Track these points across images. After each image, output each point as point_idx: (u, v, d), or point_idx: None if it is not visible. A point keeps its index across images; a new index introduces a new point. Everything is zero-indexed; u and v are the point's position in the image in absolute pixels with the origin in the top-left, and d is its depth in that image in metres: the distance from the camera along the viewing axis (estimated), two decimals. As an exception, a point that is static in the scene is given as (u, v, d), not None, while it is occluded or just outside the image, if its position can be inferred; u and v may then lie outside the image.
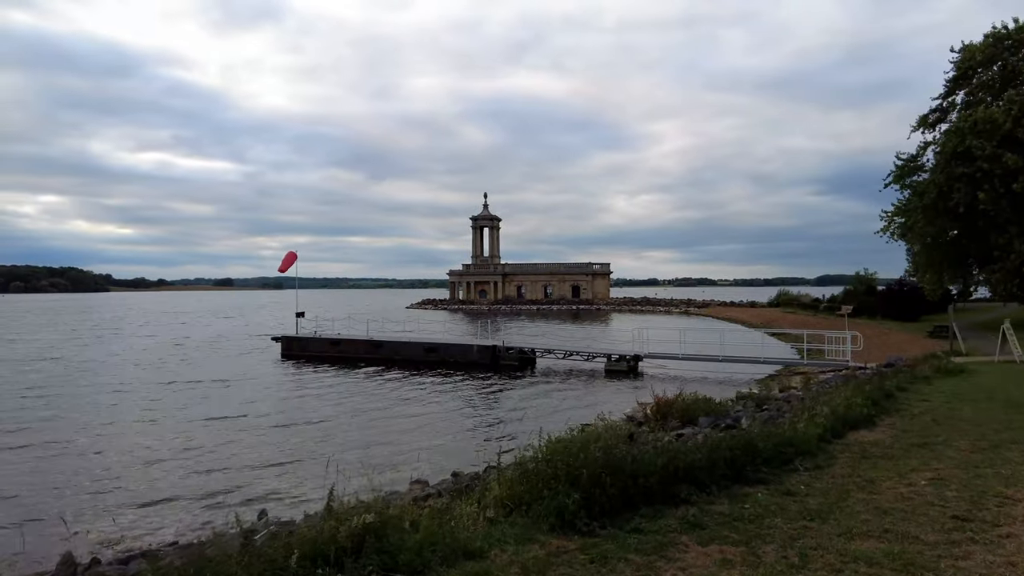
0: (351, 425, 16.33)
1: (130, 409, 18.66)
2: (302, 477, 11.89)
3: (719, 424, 11.14)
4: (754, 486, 6.54)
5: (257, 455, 13.51)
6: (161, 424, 16.69)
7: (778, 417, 10.68)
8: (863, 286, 57.69)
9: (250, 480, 11.79)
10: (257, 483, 11.65)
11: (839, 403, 10.03)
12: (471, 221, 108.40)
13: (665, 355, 26.31)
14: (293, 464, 12.82)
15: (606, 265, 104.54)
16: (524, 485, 6.08)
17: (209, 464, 12.85)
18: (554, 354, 28.50)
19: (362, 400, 20.14)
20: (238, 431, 15.84)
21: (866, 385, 12.28)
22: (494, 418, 17.42)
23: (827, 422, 8.97)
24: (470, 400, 20.34)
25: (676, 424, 11.62)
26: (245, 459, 13.19)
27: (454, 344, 29.95)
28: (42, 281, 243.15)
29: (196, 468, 12.60)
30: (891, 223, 36.77)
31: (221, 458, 13.29)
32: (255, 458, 13.23)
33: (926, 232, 33.03)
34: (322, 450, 13.66)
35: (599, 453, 6.08)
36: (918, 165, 36.01)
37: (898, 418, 10.17)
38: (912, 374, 15.42)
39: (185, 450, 13.98)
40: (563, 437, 9.31)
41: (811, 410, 9.70)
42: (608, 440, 10.26)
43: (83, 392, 21.72)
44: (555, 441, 7.88)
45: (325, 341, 32.44)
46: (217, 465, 12.74)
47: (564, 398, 20.76)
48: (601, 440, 10.12)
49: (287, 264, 34.58)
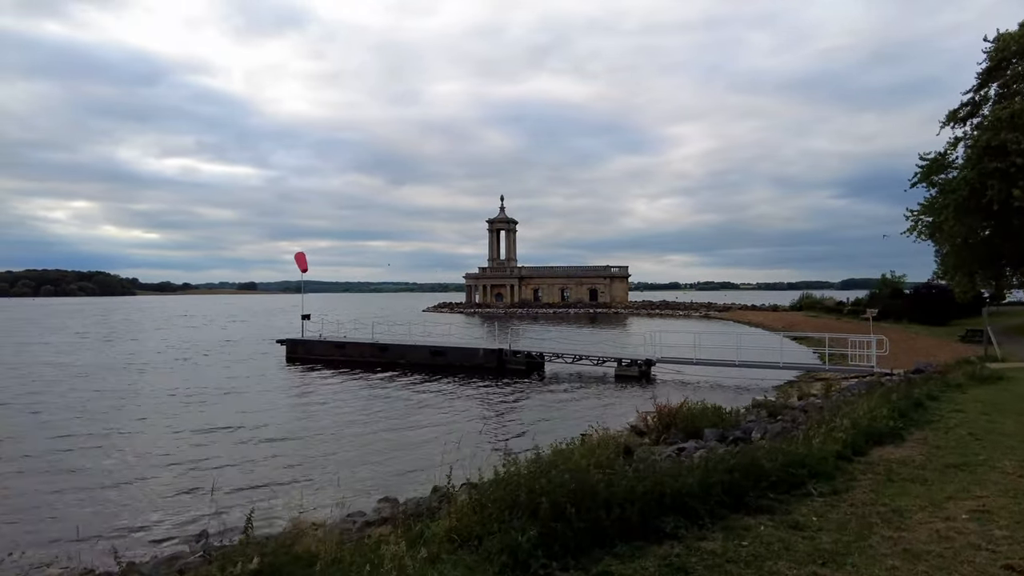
0: (341, 438, 15.23)
1: (115, 418, 17.81)
2: (274, 493, 11.01)
3: (727, 437, 10.07)
4: (757, 516, 5.49)
5: (234, 472, 12.42)
6: (144, 436, 15.77)
7: (792, 429, 9.57)
8: (889, 289, 55.74)
9: (202, 503, 10.73)
10: (225, 500, 10.78)
11: (862, 414, 8.90)
12: (487, 224, 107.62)
13: (678, 360, 25.13)
14: (264, 484, 11.78)
15: (624, 268, 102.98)
16: (477, 515, 5.12)
17: (178, 481, 11.84)
18: (562, 358, 27.44)
19: (358, 409, 19.09)
20: (218, 443, 14.83)
21: (892, 394, 11.10)
22: (489, 428, 16.38)
23: (847, 436, 7.86)
24: (468, 408, 19.24)
25: (679, 436, 10.55)
26: (222, 477, 12.16)
27: (460, 348, 29.01)
28: (71, 285, 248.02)
29: (163, 484, 11.71)
30: (918, 223, 35.12)
31: (196, 474, 12.30)
32: (229, 476, 12.16)
33: (956, 231, 31.37)
34: (308, 464, 12.79)
35: (565, 477, 5.07)
36: (947, 162, 34.33)
37: (930, 432, 8.99)
38: (944, 381, 14.13)
39: (155, 466, 12.97)
40: (540, 456, 8.35)
41: (830, 422, 8.59)
42: (601, 456, 9.25)
43: (68, 400, 20.99)
44: (530, 461, 6.97)
45: (330, 344, 31.73)
46: (188, 484, 11.74)
47: (569, 405, 19.70)
48: (596, 454, 9.12)
49: (303, 262, 34.28)
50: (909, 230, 35.53)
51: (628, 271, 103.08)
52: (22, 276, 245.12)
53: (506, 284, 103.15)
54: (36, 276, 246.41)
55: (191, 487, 11.28)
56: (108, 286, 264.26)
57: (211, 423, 16.95)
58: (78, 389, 22.78)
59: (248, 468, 12.50)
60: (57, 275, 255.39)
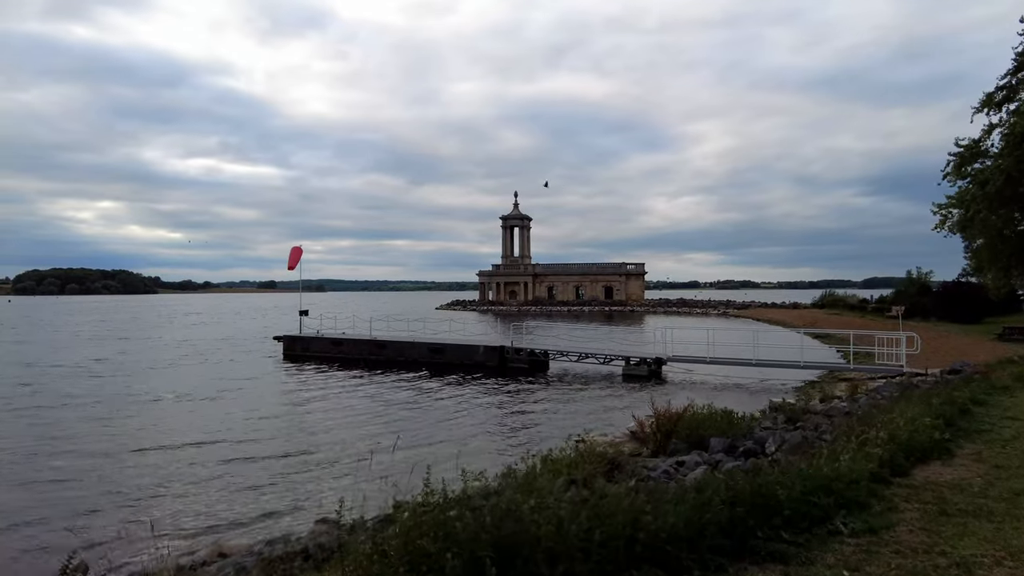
0: (318, 446, 13.82)
1: (88, 420, 16.56)
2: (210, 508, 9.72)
3: (736, 448, 8.56)
4: (766, 566, 4.03)
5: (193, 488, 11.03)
6: (110, 441, 14.52)
7: (815, 440, 8.03)
8: (916, 286, 53.40)
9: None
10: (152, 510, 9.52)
11: (900, 423, 7.34)
12: (501, 221, 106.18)
13: (691, 358, 23.51)
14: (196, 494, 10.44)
15: (640, 265, 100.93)
16: (379, 566, 3.72)
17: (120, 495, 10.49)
18: (567, 356, 25.94)
19: (347, 412, 17.62)
20: (176, 456, 12.91)
21: (933, 398, 9.49)
22: (477, 433, 14.93)
23: (883, 452, 6.33)
24: (459, 411, 17.72)
25: (682, 446, 9.04)
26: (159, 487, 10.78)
27: (459, 345, 27.62)
28: (96, 283, 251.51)
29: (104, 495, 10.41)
30: (948, 216, 33.06)
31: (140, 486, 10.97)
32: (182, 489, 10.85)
33: (990, 224, 29.34)
34: (270, 474, 11.49)
35: (487, 518, 3.62)
36: (980, 151, 32.21)
37: (984, 446, 7.41)
38: (988, 383, 12.44)
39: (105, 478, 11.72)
40: (512, 470, 6.97)
41: (860, 433, 7.05)
42: (586, 469, 7.78)
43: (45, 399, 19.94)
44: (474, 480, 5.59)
45: (327, 341, 30.53)
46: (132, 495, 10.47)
47: (570, 407, 18.20)
48: (571, 472, 7.65)
49: (294, 260, 32.90)
50: (938, 225, 33.48)
51: (644, 268, 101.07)
52: (48, 275, 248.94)
53: (520, 282, 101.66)
54: (62, 275, 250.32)
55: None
56: (131, 285, 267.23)
57: (155, 430, 15.14)
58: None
59: (195, 483, 11.12)
60: (82, 274, 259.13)
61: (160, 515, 9.13)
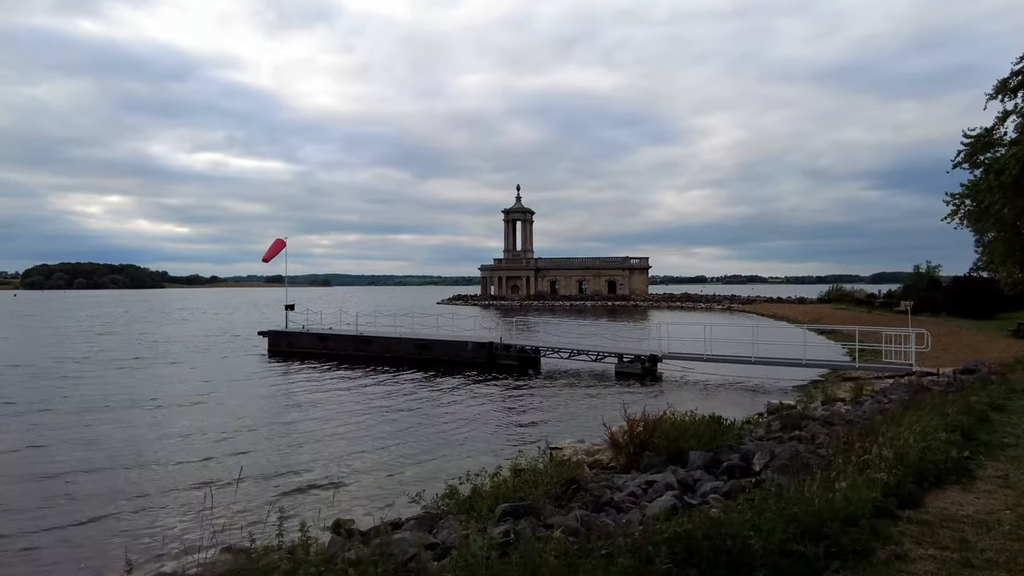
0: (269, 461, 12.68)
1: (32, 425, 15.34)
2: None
3: (720, 463, 7.43)
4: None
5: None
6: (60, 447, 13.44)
7: (810, 455, 6.90)
8: (925, 280, 51.91)
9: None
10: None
11: (910, 438, 6.19)
12: (503, 214, 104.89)
13: (687, 356, 22.32)
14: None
15: (644, 260, 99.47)
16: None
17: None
18: (559, 353, 24.80)
19: (326, 417, 16.31)
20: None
21: (949, 406, 8.31)
22: (448, 439, 13.73)
23: (889, 477, 5.20)
24: (434, 412, 16.43)
25: (659, 459, 7.89)
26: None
27: (447, 341, 26.50)
28: (103, 278, 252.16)
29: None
30: (960, 207, 31.67)
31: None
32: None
33: (1005, 216, 27.99)
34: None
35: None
36: (994, 139, 30.81)
37: (1010, 464, 6.26)
38: (1007, 386, 11.27)
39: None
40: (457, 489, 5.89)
41: (862, 451, 5.91)
42: (537, 492, 6.66)
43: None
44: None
45: (313, 336, 29.48)
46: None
47: (552, 409, 17.01)
48: (535, 488, 6.53)
49: (273, 253, 31.55)
50: (949, 215, 32.12)
51: (648, 263, 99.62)
52: (57, 269, 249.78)
53: (522, 276, 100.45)
54: (70, 269, 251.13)
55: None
56: (138, 279, 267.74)
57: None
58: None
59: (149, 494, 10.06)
60: (90, 268, 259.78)
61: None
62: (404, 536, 5.64)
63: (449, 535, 5.50)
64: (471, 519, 5.82)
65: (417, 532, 6.04)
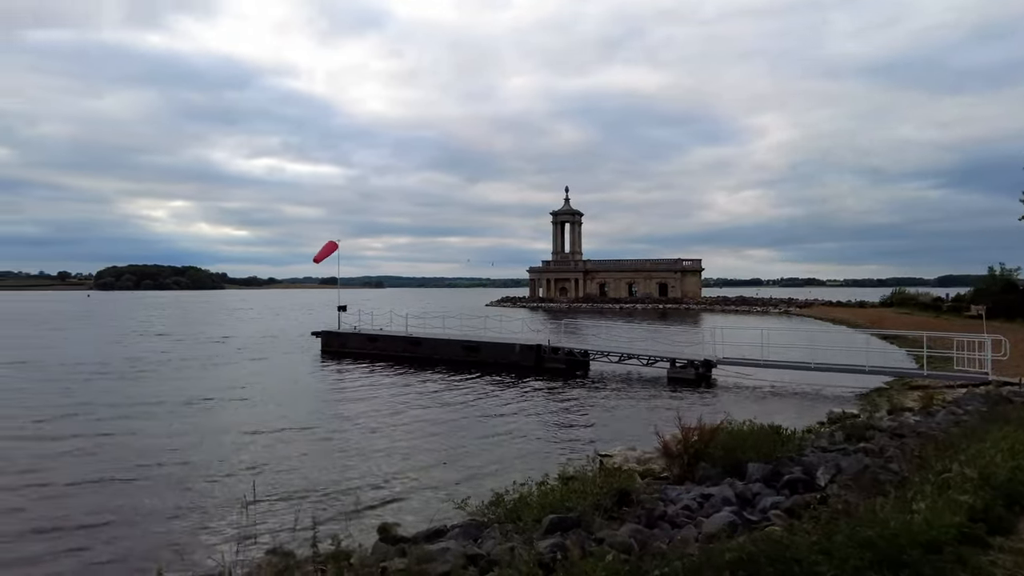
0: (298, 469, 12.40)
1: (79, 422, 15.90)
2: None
3: (780, 475, 7.01)
4: None
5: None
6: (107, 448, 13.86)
7: (880, 469, 6.42)
8: (999, 284, 48.92)
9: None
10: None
11: (995, 455, 5.67)
12: (551, 216, 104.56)
13: (743, 361, 21.58)
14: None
15: (697, 261, 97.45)
16: None
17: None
18: (608, 357, 24.36)
19: (375, 419, 16.23)
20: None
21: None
22: (491, 443, 13.54)
23: (975, 500, 4.74)
24: (478, 416, 16.24)
25: (715, 471, 7.52)
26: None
27: (495, 343, 26.42)
28: (168, 279, 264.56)
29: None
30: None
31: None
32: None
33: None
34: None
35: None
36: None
37: (1111, 487, 5.66)
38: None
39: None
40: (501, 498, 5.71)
41: (941, 469, 5.44)
42: (586, 503, 6.41)
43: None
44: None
45: (363, 337, 29.89)
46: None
47: (602, 414, 16.64)
48: (584, 498, 6.28)
49: (324, 254, 32.23)
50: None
51: (701, 264, 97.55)
52: (126, 271, 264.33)
53: (571, 278, 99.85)
54: (137, 271, 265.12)
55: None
56: (199, 280, 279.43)
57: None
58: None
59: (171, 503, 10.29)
60: (155, 270, 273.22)
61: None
62: (447, 545, 5.49)
63: (494, 546, 5.33)
64: (517, 530, 5.62)
65: (461, 540, 5.89)
